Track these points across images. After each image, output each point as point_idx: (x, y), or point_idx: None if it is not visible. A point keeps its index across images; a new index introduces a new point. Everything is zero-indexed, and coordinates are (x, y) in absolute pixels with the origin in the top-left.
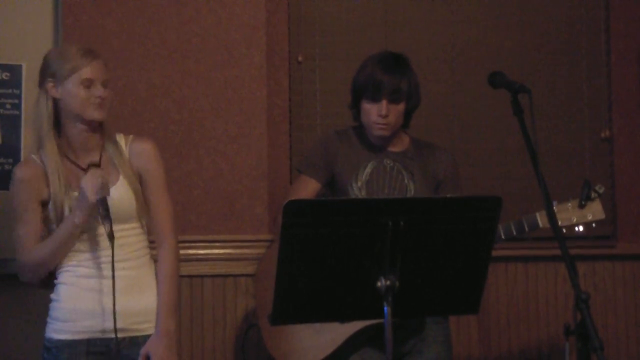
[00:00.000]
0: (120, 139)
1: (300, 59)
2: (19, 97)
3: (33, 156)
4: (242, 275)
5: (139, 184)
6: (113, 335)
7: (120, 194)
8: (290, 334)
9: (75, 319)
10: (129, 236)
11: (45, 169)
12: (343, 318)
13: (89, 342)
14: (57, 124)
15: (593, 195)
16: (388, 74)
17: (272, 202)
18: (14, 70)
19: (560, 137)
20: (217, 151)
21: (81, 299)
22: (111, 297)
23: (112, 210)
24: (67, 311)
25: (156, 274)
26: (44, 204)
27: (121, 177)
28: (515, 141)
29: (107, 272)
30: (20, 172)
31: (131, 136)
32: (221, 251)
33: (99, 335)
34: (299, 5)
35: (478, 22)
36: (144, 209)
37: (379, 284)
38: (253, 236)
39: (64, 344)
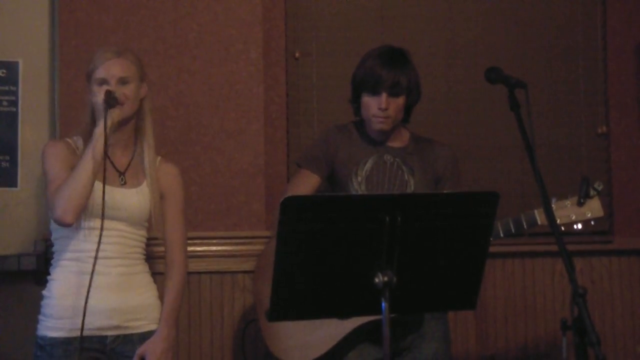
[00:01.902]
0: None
1: (297, 55)
2: (15, 94)
3: (66, 139)
4: (240, 272)
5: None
6: (108, 333)
7: (139, 198)
8: (289, 330)
9: (71, 316)
10: (131, 239)
11: (75, 148)
12: (341, 314)
13: (84, 339)
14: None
15: (592, 192)
16: (387, 68)
17: (269, 199)
18: (11, 67)
19: (557, 132)
20: (214, 147)
21: (76, 296)
22: (108, 295)
23: (126, 211)
24: (62, 308)
25: (165, 289)
26: None
27: (145, 184)
28: (513, 137)
29: (101, 268)
30: (51, 144)
31: (159, 157)
32: (218, 248)
33: (95, 333)
34: (295, 1)
35: (475, 18)
36: (158, 221)
37: (376, 280)
38: (250, 233)
39: (58, 341)
